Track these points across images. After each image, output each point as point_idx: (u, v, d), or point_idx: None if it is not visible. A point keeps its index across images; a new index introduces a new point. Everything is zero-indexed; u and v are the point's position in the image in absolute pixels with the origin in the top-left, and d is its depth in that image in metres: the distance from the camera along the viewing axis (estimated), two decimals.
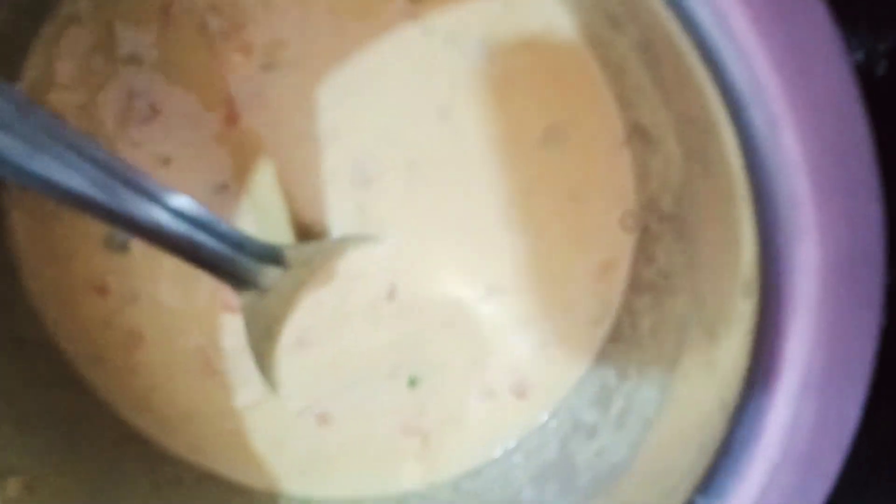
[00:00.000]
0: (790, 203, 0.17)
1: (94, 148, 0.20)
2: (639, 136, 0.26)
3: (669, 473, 0.22)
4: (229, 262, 0.24)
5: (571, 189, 0.27)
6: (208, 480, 0.29)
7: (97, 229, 0.28)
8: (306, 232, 0.27)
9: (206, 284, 0.28)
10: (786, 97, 0.16)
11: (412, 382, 0.29)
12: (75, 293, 0.28)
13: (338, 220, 0.28)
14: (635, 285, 0.27)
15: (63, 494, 0.25)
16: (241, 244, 0.23)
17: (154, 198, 0.21)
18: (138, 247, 0.28)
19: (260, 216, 0.27)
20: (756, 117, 0.17)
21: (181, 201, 0.21)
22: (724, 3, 0.16)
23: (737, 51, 0.17)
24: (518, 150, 0.27)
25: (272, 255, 0.25)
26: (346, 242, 0.27)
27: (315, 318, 0.28)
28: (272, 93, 0.27)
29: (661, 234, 0.25)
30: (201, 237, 0.22)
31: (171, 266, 0.28)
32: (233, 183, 0.27)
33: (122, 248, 0.28)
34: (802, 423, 0.18)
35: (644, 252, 0.27)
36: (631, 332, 0.27)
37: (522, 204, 0.27)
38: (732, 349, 0.20)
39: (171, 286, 0.28)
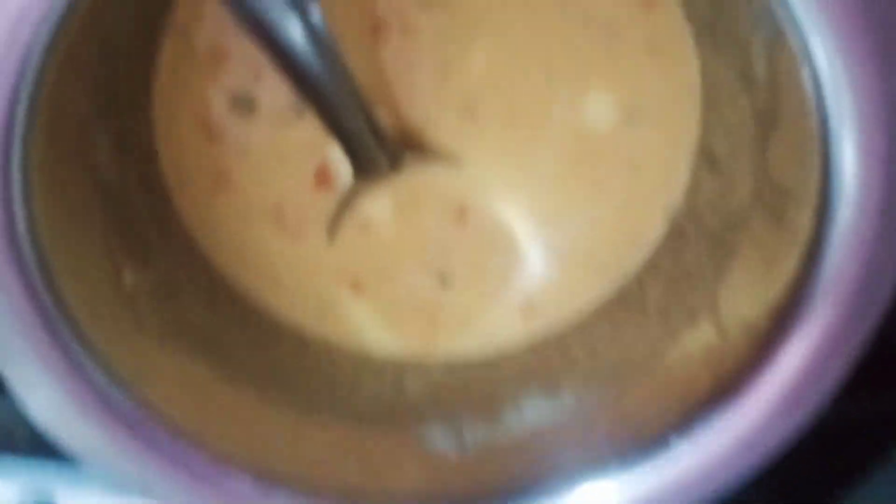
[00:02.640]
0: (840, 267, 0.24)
1: None
2: (707, 158, 0.32)
3: (649, 415, 0.29)
4: (358, 135, 0.28)
5: (630, 161, 0.33)
6: (252, 308, 0.34)
7: (229, 85, 0.31)
8: (410, 146, 0.32)
9: (310, 162, 0.32)
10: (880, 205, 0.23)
11: (442, 279, 0.35)
12: (187, 131, 0.32)
13: (442, 142, 0.32)
14: (653, 267, 0.33)
15: (154, 288, 0.30)
16: (384, 137, 0.27)
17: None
18: (263, 113, 0.31)
19: None
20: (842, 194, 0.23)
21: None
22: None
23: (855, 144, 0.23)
24: (596, 124, 0.33)
25: (395, 156, 0.29)
26: (444, 164, 0.32)
27: (388, 213, 0.33)
28: (420, 27, 0.31)
29: (694, 243, 0.32)
30: (353, 113, 0.26)
31: (286, 138, 0.32)
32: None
33: (248, 108, 0.31)
34: (777, 405, 0.26)
35: (671, 247, 0.33)
36: (637, 304, 0.33)
37: (588, 163, 0.33)
38: (738, 347, 0.27)
39: (279, 154, 0.32)
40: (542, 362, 0.35)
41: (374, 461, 0.31)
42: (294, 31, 0.23)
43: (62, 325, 0.25)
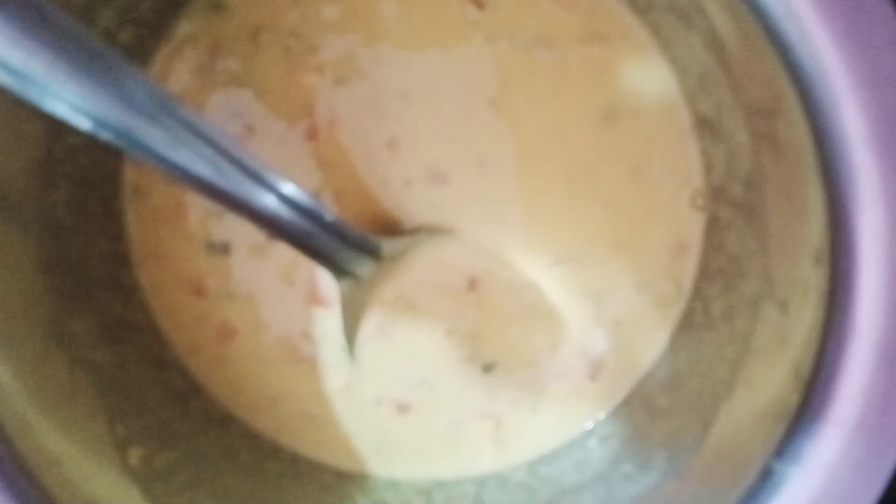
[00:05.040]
0: (856, 173, 0.18)
1: (213, 133, 0.21)
2: (706, 127, 0.27)
3: (743, 445, 0.23)
4: (333, 251, 0.25)
5: (633, 166, 0.29)
6: (302, 460, 0.31)
7: (200, 235, 0.30)
8: (390, 230, 0.29)
9: (299, 284, 0.30)
10: (847, 75, 0.18)
11: (487, 368, 0.31)
12: (176, 291, 0.31)
13: (419, 217, 0.29)
14: (705, 272, 0.28)
15: (174, 467, 0.28)
16: (345, 235, 0.25)
17: (267, 184, 0.22)
18: (238, 251, 0.30)
19: None
20: (821, 96, 0.18)
21: (291, 189, 0.23)
22: None
23: (802, 34, 0.18)
24: (575, 130, 0.29)
25: (370, 248, 0.26)
26: (430, 238, 0.29)
27: (396, 309, 0.30)
28: (345, 106, 0.29)
29: (731, 222, 0.26)
30: (309, 225, 0.24)
31: (267, 268, 0.30)
32: (324, 190, 0.30)
33: (224, 251, 0.30)
34: (875, 386, 0.19)
35: (713, 240, 0.28)
36: (703, 319, 0.28)
37: (584, 180, 0.29)
38: (804, 320, 0.21)
39: (267, 286, 0.30)
40: (632, 427, 0.29)
41: None
42: (268, 201, 0.22)
43: None
